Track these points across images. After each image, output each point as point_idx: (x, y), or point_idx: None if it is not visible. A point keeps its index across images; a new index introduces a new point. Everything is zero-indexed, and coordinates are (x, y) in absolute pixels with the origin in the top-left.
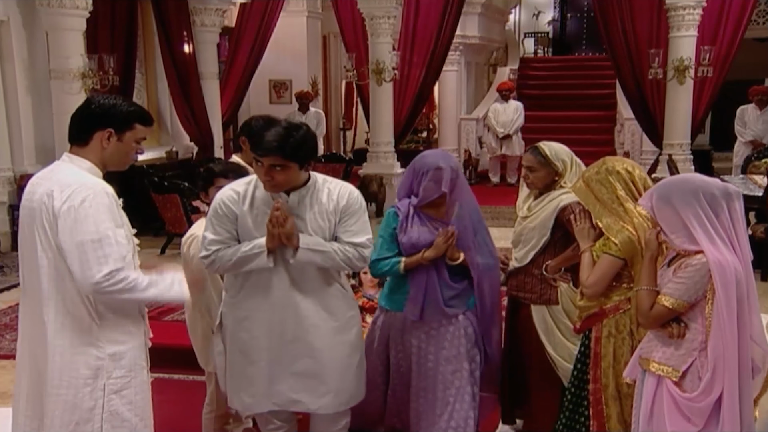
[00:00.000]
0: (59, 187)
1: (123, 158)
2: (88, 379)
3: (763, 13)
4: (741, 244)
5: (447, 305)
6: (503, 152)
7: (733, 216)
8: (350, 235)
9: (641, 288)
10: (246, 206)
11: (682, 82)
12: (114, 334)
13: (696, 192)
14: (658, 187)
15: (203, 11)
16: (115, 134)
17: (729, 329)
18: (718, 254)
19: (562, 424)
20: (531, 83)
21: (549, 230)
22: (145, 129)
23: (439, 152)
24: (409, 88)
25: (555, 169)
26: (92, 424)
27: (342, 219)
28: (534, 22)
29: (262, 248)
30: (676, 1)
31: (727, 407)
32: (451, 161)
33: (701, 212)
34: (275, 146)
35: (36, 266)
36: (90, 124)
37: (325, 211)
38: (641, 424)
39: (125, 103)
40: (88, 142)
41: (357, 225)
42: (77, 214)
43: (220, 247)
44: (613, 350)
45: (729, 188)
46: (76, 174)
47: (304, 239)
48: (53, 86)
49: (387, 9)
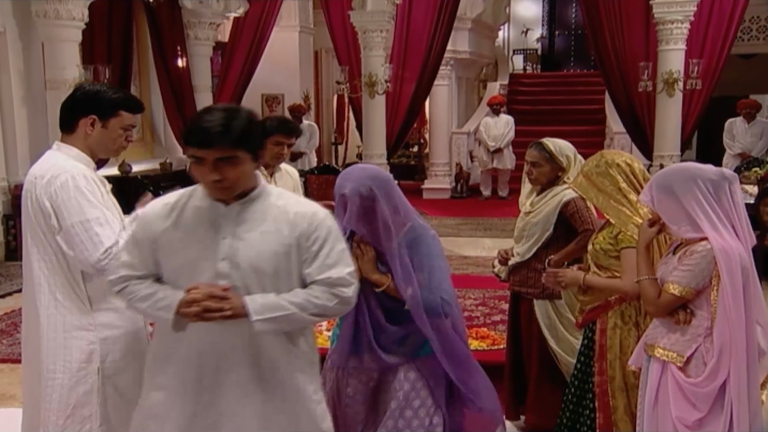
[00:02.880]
0: (41, 174)
1: (110, 145)
2: (82, 363)
3: (747, 30)
4: (743, 226)
5: (385, 349)
6: (494, 166)
7: (733, 199)
8: (323, 269)
9: (644, 278)
10: (169, 222)
11: (671, 95)
12: (108, 318)
13: (695, 178)
14: (657, 179)
15: (197, 24)
16: (99, 121)
17: (735, 315)
18: (722, 241)
19: (566, 418)
20: (521, 99)
21: (552, 225)
22: (131, 116)
23: (358, 171)
24: (401, 101)
25: (559, 165)
26: (90, 407)
27: (307, 248)
28: (523, 39)
29: (169, 311)
30: (664, 15)
31: (735, 392)
32: (362, 187)
33: (702, 198)
34: (218, 132)
35: (27, 253)
36: (74, 111)
37: (277, 233)
38: (646, 410)
39: (110, 90)
40: (74, 130)
41: (332, 255)
42: (62, 198)
43: (130, 279)
44: (620, 341)
45: (725, 172)
46: (59, 160)
47: (252, 304)
48: (49, 97)
49: (379, 23)
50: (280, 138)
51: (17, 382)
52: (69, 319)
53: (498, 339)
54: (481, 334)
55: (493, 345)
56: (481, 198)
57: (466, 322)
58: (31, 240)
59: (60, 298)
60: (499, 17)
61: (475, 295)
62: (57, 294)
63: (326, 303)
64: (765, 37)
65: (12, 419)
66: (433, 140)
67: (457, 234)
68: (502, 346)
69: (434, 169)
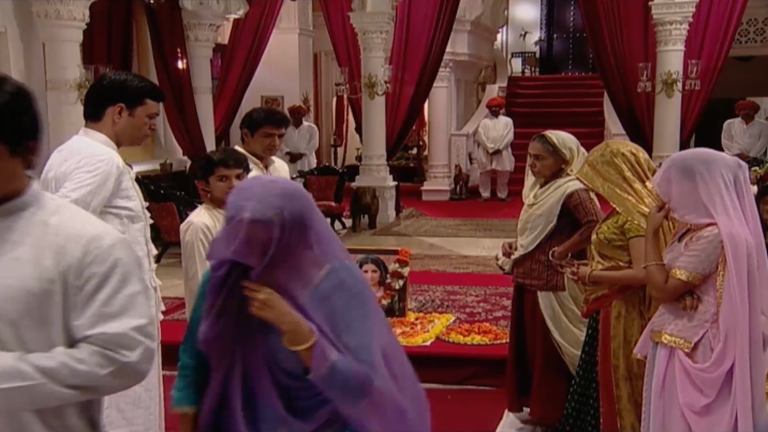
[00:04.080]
0: (70, 154)
1: (135, 133)
2: None
3: (744, 33)
4: (753, 214)
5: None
6: (493, 167)
7: (746, 186)
8: (98, 321)
9: (651, 264)
10: None
11: (670, 95)
12: None
13: (717, 164)
14: (676, 161)
15: (197, 26)
16: (126, 109)
17: (740, 301)
18: (731, 227)
19: (572, 408)
20: (519, 101)
21: (555, 217)
22: (156, 104)
23: (263, 186)
24: (401, 102)
25: (563, 157)
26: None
27: (77, 289)
28: (521, 42)
29: None
30: (663, 17)
31: (739, 379)
32: (269, 210)
33: (722, 184)
34: None
35: None
36: (102, 99)
37: (34, 264)
38: (653, 396)
39: (136, 79)
40: (100, 118)
41: (114, 301)
42: (79, 176)
43: None
44: (623, 330)
45: (739, 161)
46: (89, 144)
47: None
48: (50, 97)
49: (379, 24)
50: (268, 129)
51: None
52: None
53: (500, 334)
54: (484, 329)
55: (495, 339)
56: (480, 199)
57: (468, 318)
58: None
59: None
60: (498, 20)
61: (477, 292)
62: None
63: (95, 371)
64: (762, 40)
65: None
66: (432, 142)
67: (456, 234)
68: (505, 340)
69: (433, 171)
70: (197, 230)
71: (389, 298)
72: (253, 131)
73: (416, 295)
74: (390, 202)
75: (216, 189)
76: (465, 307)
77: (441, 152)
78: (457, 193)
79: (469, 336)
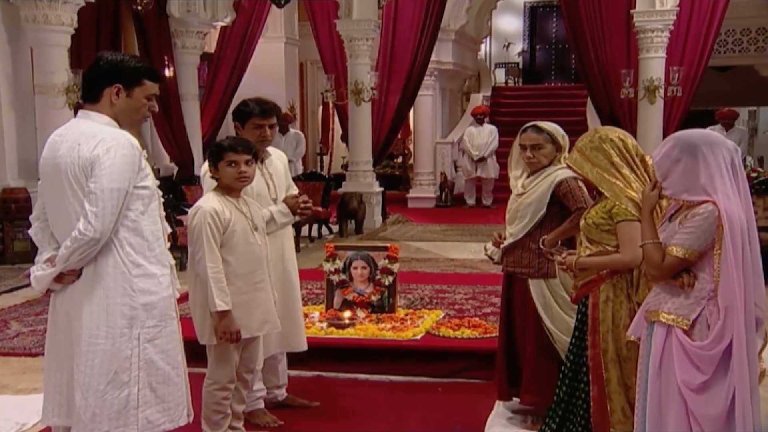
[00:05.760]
0: (85, 138)
1: (134, 114)
2: (124, 328)
3: (723, 43)
4: (746, 196)
5: None
6: (478, 175)
7: (740, 170)
8: None
9: (648, 242)
10: None
11: (652, 102)
12: (146, 284)
13: (719, 144)
14: (680, 139)
15: (184, 33)
16: (124, 90)
17: (737, 278)
18: (727, 204)
19: (563, 392)
20: (503, 110)
21: (545, 205)
22: (154, 85)
23: None
24: (386, 111)
25: (559, 144)
26: (129, 373)
27: None
28: (504, 53)
29: None
30: (644, 24)
31: (736, 355)
32: None
33: (723, 163)
34: None
35: (68, 219)
36: (99, 80)
37: None
38: (650, 376)
39: (133, 60)
40: (98, 99)
41: None
42: (110, 161)
43: None
44: (612, 314)
45: (734, 144)
46: (98, 127)
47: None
48: (38, 101)
49: (365, 31)
50: (257, 120)
51: (9, 373)
52: (112, 284)
53: (490, 328)
54: (473, 323)
55: (485, 333)
56: (465, 207)
57: (457, 315)
58: (70, 207)
59: (104, 263)
60: (482, 30)
61: (465, 291)
62: (101, 258)
63: None
64: (740, 50)
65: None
66: (418, 150)
67: (443, 239)
68: (495, 334)
69: (419, 179)
70: (206, 214)
71: (379, 294)
72: (243, 123)
73: (405, 294)
74: (376, 207)
75: (226, 175)
76: (454, 304)
77: (426, 160)
78: (443, 200)
79: (459, 330)
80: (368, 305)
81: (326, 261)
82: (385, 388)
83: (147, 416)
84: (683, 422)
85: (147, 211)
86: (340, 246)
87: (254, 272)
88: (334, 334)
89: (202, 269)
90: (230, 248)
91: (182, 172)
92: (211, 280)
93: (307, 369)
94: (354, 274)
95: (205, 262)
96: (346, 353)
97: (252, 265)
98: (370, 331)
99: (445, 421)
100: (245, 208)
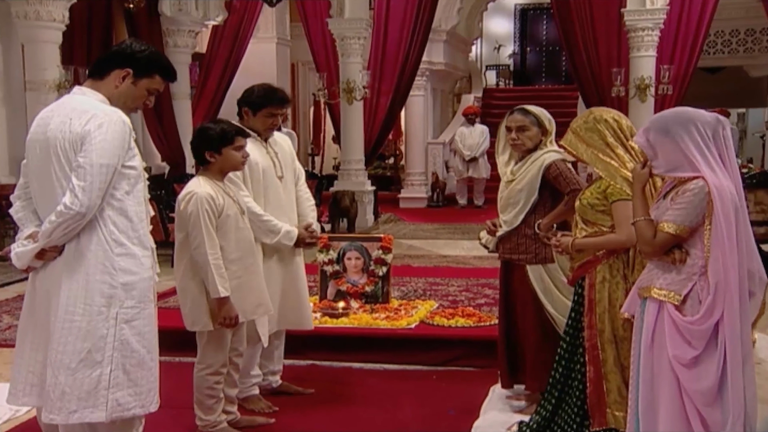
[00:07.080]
0: (77, 113)
1: (129, 102)
2: (102, 307)
3: (713, 44)
4: (733, 167)
5: None
6: (470, 174)
7: (726, 142)
8: None
9: (640, 219)
10: None
11: (643, 100)
12: (127, 263)
13: (693, 120)
14: (654, 122)
15: (176, 32)
16: (133, 76)
17: (729, 252)
18: (716, 179)
19: (559, 374)
20: (494, 112)
21: (537, 190)
22: (162, 82)
23: None
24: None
25: (545, 128)
26: (103, 352)
27: None
28: (495, 55)
29: None
30: (635, 23)
31: (729, 330)
32: None
33: (699, 139)
34: None
35: (53, 194)
36: (113, 59)
37: None
38: (642, 351)
39: (156, 53)
40: (104, 77)
41: None
42: (102, 137)
43: None
44: (608, 295)
45: (719, 117)
46: (91, 102)
47: None
48: (29, 97)
49: (357, 30)
50: (272, 110)
51: (2, 363)
52: (92, 262)
53: (484, 317)
54: (467, 312)
55: (479, 322)
56: (457, 207)
57: (451, 306)
58: (56, 182)
59: (86, 240)
60: (473, 32)
61: (458, 283)
62: (84, 235)
63: None
64: (730, 51)
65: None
66: (409, 150)
67: (435, 237)
68: (489, 323)
69: (410, 179)
70: (202, 200)
71: (373, 284)
72: (255, 110)
73: (399, 286)
74: (369, 206)
75: (232, 158)
76: (448, 296)
77: (418, 160)
78: (434, 200)
79: (453, 319)
80: (362, 296)
81: (320, 252)
82: (380, 376)
83: (117, 398)
84: (675, 397)
85: (133, 191)
86: (334, 237)
87: (246, 256)
88: (328, 323)
89: (202, 256)
90: (224, 233)
91: (174, 171)
92: (212, 266)
93: (301, 358)
94: (348, 264)
95: (205, 249)
96: (340, 342)
97: (244, 249)
98: (364, 321)
99: (439, 407)
100: (231, 192)
